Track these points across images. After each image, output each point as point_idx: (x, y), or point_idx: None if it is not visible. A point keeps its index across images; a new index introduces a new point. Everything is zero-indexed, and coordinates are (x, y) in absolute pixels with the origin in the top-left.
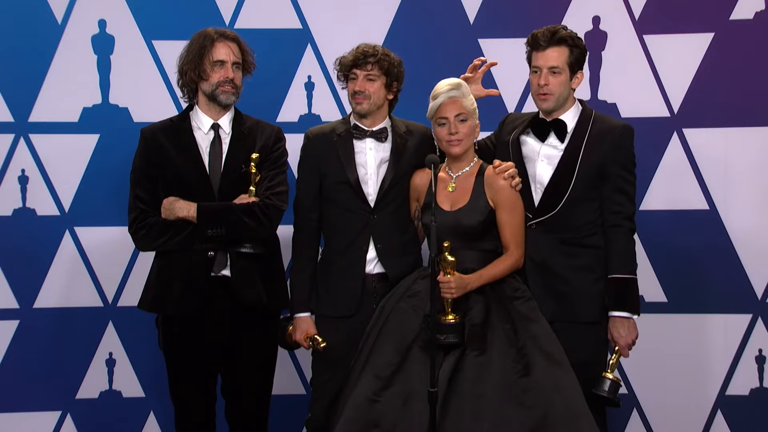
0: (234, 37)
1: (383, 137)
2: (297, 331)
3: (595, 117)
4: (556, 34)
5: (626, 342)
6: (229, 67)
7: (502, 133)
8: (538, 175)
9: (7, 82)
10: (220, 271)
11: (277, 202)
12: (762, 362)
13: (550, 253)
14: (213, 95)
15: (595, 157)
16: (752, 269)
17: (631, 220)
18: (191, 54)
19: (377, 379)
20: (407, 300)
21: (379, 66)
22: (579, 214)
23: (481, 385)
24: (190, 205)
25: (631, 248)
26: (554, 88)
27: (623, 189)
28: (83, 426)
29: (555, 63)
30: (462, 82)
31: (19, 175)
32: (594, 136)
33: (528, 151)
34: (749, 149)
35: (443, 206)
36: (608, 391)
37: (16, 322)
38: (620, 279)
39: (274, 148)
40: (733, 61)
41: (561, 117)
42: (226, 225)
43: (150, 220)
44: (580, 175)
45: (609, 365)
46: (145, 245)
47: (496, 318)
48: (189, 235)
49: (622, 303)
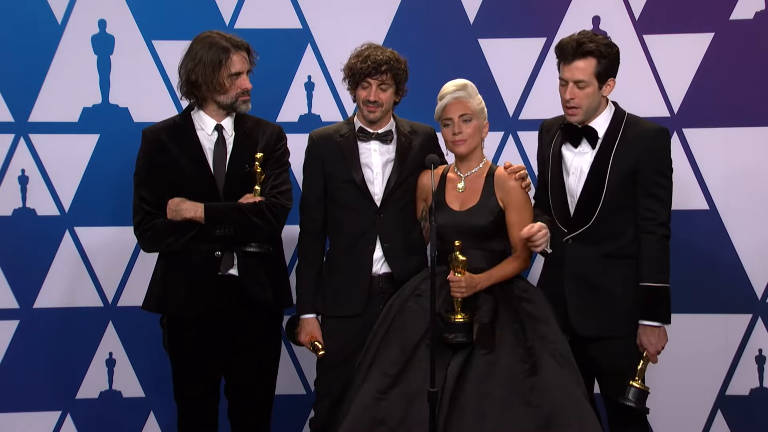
0: (247, 46)
1: (388, 139)
2: (302, 333)
3: (628, 120)
4: (582, 47)
5: (656, 350)
6: (245, 77)
7: (542, 144)
8: (571, 188)
9: (7, 82)
10: (227, 271)
11: (283, 200)
12: (762, 362)
13: (590, 267)
14: (233, 107)
15: (627, 163)
16: (752, 269)
17: (664, 227)
18: (204, 65)
19: (384, 377)
20: (415, 299)
21: (392, 74)
22: (618, 223)
23: (488, 384)
24: (197, 205)
25: (664, 256)
26: (581, 102)
27: (656, 194)
28: (83, 426)
29: (581, 76)
30: (468, 83)
31: (19, 175)
32: (625, 141)
33: (565, 162)
34: (749, 149)
35: (452, 206)
36: (635, 399)
37: (16, 322)
38: (651, 287)
39: (276, 147)
40: (733, 61)
41: (591, 123)
42: (234, 225)
43: (156, 221)
44: (612, 182)
45: (637, 372)
46: (151, 247)
47: (505, 317)
48: (196, 235)
49: (653, 312)
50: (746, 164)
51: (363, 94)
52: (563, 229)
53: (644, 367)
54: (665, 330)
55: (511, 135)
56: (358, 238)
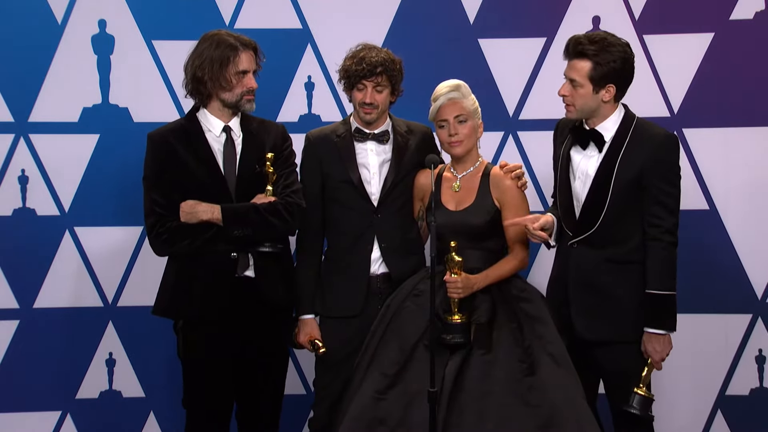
0: (255, 46)
1: (385, 139)
2: (300, 333)
3: (636, 125)
4: (579, 47)
5: (660, 357)
6: (251, 76)
7: (555, 144)
8: (577, 192)
9: (7, 82)
10: (243, 272)
11: (297, 199)
12: (762, 362)
13: (595, 271)
14: (237, 105)
15: (633, 168)
16: (752, 269)
17: (671, 234)
18: (211, 62)
19: (383, 378)
20: (413, 299)
21: (387, 75)
22: (623, 227)
23: (486, 383)
24: (213, 207)
25: (670, 263)
26: (573, 100)
27: (662, 201)
28: (83, 426)
29: (574, 76)
30: (461, 83)
31: (19, 175)
32: (633, 146)
33: (573, 165)
34: (749, 149)
35: (448, 206)
36: (639, 407)
37: (16, 322)
38: (657, 295)
39: (283, 147)
40: (733, 61)
41: (598, 127)
42: (252, 225)
43: (170, 224)
44: (617, 187)
45: (642, 379)
46: (166, 250)
47: (503, 317)
48: (213, 237)
49: (658, 320)
50: (746, 164)
51: (359, 96)
52: (569, 233)
53: (649, 374)
54: (670, 337)
55: (511, 135)
56: (356, 239)
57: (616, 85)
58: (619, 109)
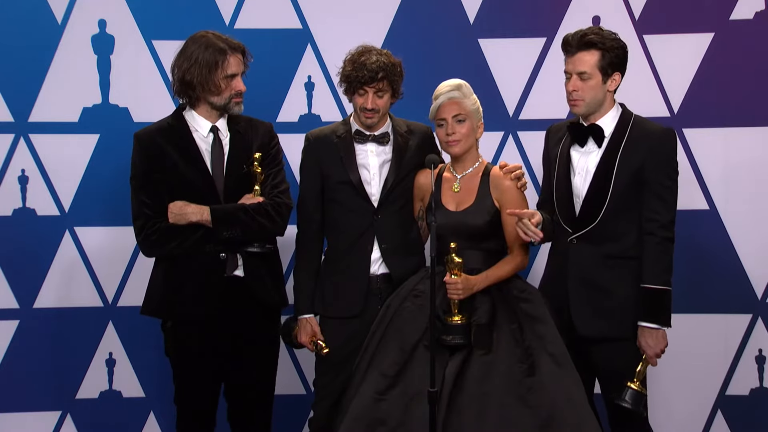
0: (242, 49)
1: (385, 141)
2: (302, 333)
3: (635, 121)
4: (585, 37)
5: (655, 352)
6: (239, 79)
7: (548, 146)
8: (577, 187)
9: (7, 82)
10: (232, 272)
11: (285, 200)
12: (762, 362)
13: (594, 267)
14: (226, 108)
15: (633, 163)
16: (752, 269)
17: (667, 229)
18: (199, 66)
19: (383, 378)
20: (413, 299)
21: (388, 80)
22: (622, 223)
23: (486, 384)
24: (202, 208)
25: (666, 258)
26: (584, 94)
27: (660, 195)
28: (83, 426)
29: (583, 68)
30: (463, 83)
31: (19, 175)
32: (632, 141)
33: (572, 162)
34: (749, 149)
35: (448, 206)
36: (631, 401)
37: (16, 322)
38: (651, 289)
39: (270, 146)
40: (733, 61)
41: (598, 122)
42: (241, 226)
43: (159, 225)
44: (618, 182)
45: (636, 374)
46: (155, 251)
47: (503, 318)
48: (201, 237)
49: (652, 314)
50: (746, 164)
51: (360, 101)
52: (568, 229)
53: (643, 370)
54: (665, 333)
55: (511, 135)
56: (356, 239)
57: (621, 74)
58: (617, 105)
